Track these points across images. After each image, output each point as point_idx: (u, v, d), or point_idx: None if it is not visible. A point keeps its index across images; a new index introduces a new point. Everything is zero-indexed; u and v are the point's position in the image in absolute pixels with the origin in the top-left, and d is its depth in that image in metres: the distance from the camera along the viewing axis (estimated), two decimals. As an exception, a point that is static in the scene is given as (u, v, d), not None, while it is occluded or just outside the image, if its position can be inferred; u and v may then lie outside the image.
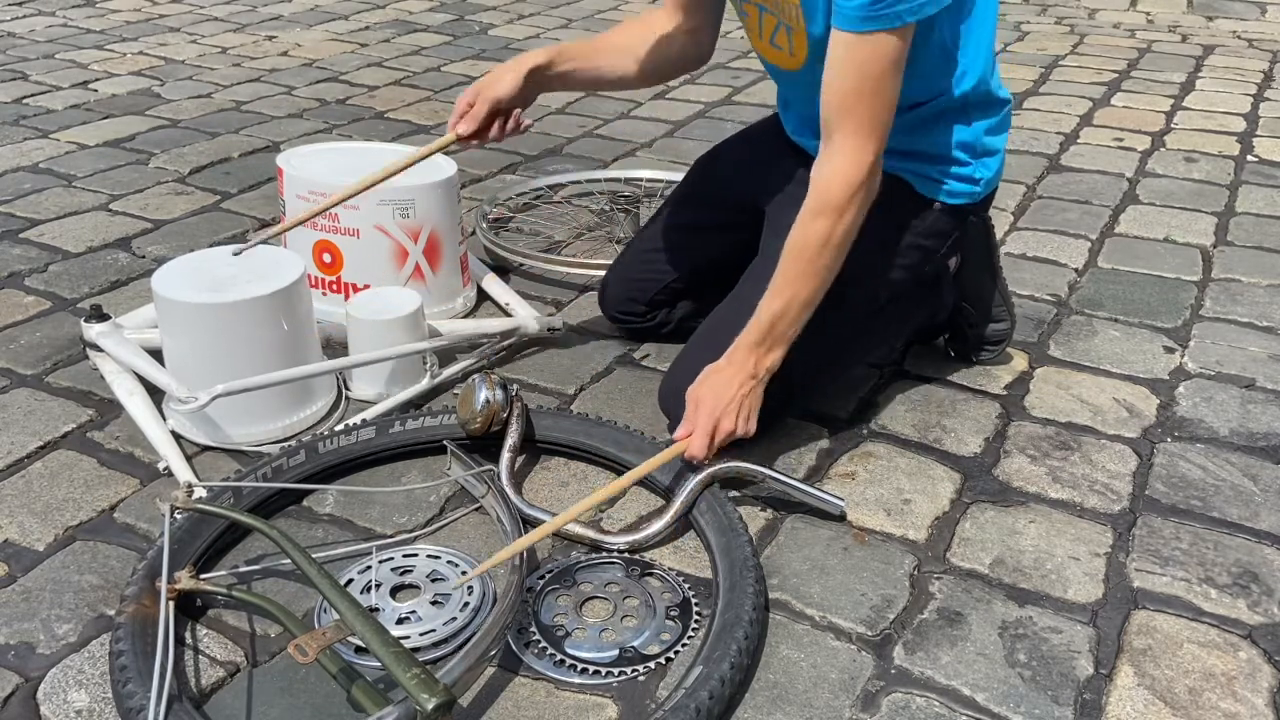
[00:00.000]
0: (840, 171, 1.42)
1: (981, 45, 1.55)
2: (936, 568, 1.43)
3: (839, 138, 1.42)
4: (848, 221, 1.43)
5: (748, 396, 1.48)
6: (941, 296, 1.81)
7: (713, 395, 1.46)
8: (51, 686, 1.22)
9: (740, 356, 1.48)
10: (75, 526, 1.48)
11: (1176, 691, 1.23)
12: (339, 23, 4.45)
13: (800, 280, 1.46)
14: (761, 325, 1.47)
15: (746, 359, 1.47)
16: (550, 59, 1.67)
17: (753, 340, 1.48)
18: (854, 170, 1.41)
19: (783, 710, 1.20)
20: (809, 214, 1.44)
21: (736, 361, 1.48)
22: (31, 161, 2.85)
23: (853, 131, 1.40)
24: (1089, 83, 3.68)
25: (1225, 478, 1.62)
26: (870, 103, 1.39)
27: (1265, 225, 2.54)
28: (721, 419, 1.46)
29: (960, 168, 1.61)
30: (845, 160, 1.41)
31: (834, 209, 1.42)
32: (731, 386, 1.47)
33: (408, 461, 1.62)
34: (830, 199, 1.42)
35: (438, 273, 1.99)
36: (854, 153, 1.41)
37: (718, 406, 1.46)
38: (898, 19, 1.35)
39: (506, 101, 1.63)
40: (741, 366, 1.48)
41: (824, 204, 1.43)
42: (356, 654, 1.24)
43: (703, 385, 1.49)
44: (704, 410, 1.46)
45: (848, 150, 1.41)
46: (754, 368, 1.48)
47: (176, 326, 1.62)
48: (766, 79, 3.68)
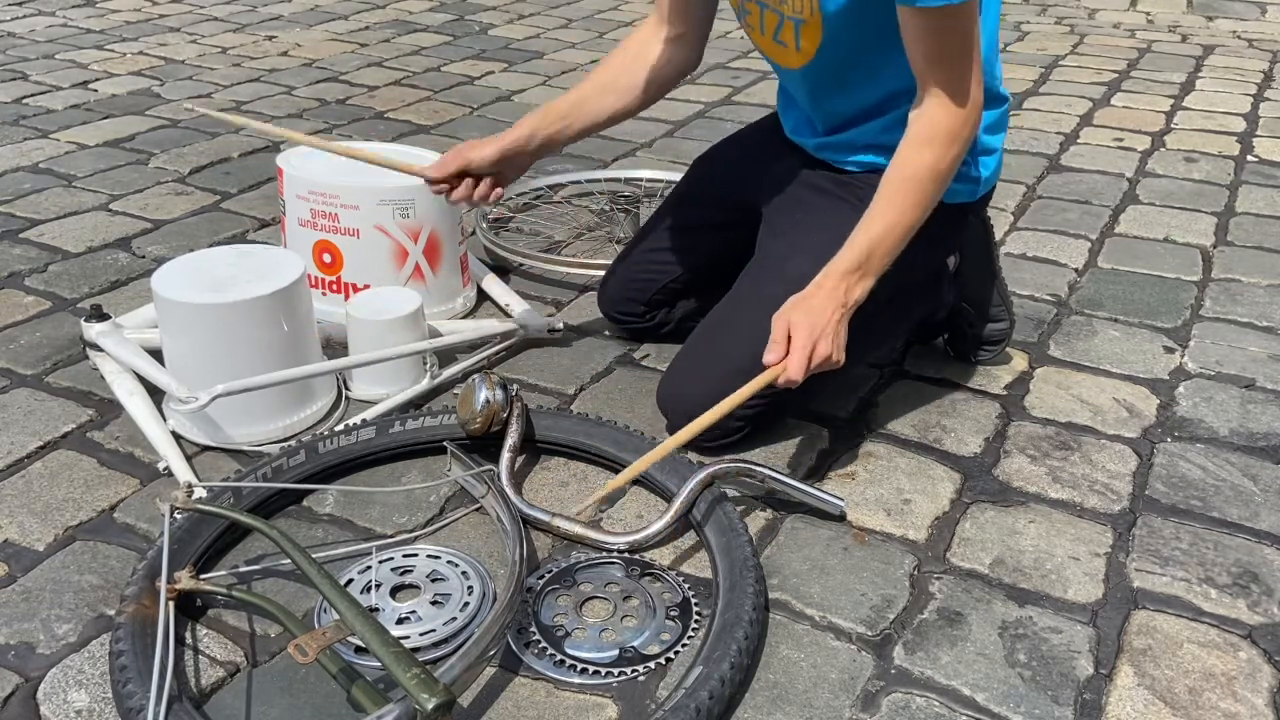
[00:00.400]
0: (949, 107, 1.41)
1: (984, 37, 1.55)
2: (936, 568, 1.43)
3: (939, 85, 1.41)
4: (955, 153, 1.43)
5: (840, 323, 1.44)
6: (941, 295, 1.81)
7: (808, 319, 1.42)
8: (51, 686, 1.22)
9: (832, 284, 1.44)
10: (75, 526, 1.48)
11: (1176, 691, 1.23)
12: (339, 23, 4.45)
13: (904, 207, 1.44)
14: (858, 252, 1.44)
15: (838, 286, 1.44)
16: (532, 130, 1.70)
17: (847, 266, 1.44)
18: (961, 107, 1.41)
19: (783, 710, 1.20)
20: (914, 144, 1.43)
21: (827, 288, 1.44)
22: (31, 161, 2.85)
23: (952, 79, 1.41)
24: (1089, 83, 3.68)
25: (1225, 478, 1.62)
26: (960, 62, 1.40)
27: (1265, 225, 2.54)
28: (819, 342, 1.41)
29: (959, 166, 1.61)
30: (952, 99, 1.41)
31: (944, 138, 1.42)
32: (825, 312, 1.42)
33: (408, 461, 1.62)
34: (938, 128, 1.42)
35: (438, 273, 1.99)
36: (959, 94, 1.41)
37: (815, 329, 1.41)
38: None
39: (476, 168, 1.66)
40: (833, 294, 1.44)
41: (933, 134, 1.42)
42: (356, 654, 1.24)
43: (795, 310, 1.44)
44: (801, 332, 1.41)
45: (952, 93, 1.41)
46: (844, 295, 1.44)
47: (176, 326, 1.62)
48: (766, 79, 3.69)
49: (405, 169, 1.69)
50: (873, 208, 1.45)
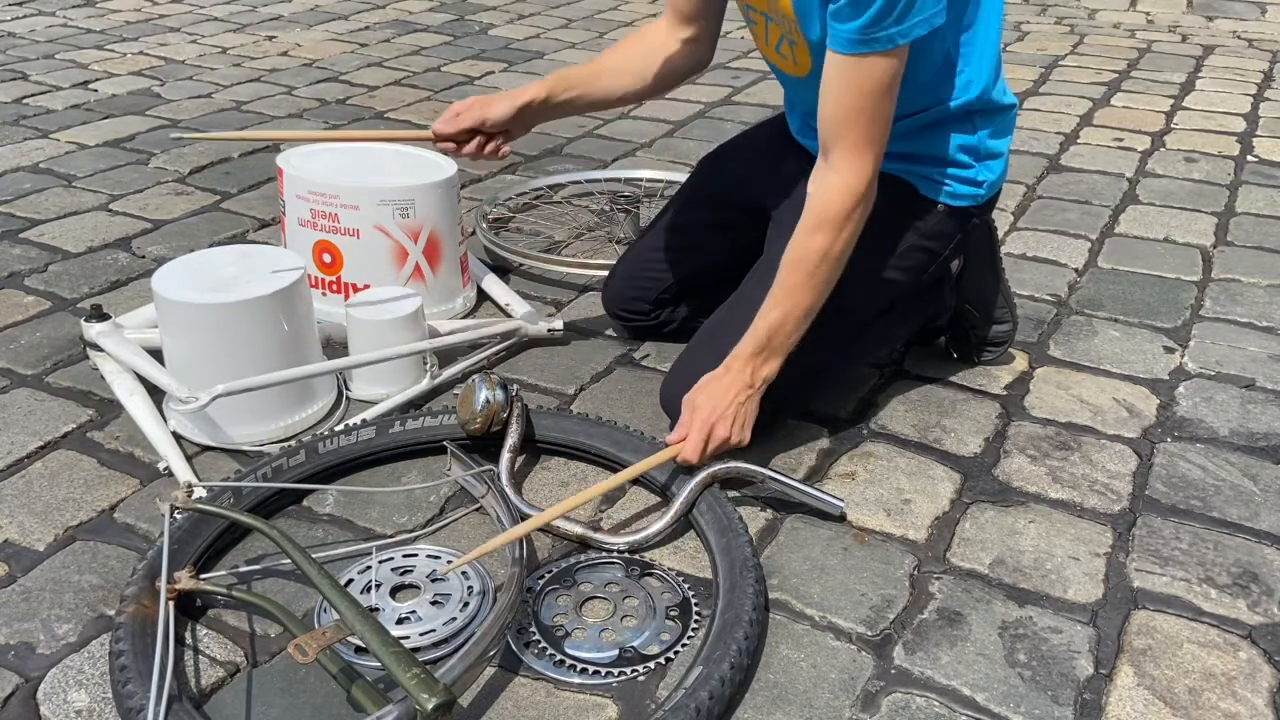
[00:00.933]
0: (838, 187, 1.43)
1: (985, 54, 1.55)
2: (936, 568, 1.43)
3: (836, 154, 1.43)
4: (846, 236, 1.45)
5: (744, 405, 1.49)
6: (943, 299, 1.81)
7: (710, 402, 1.48)
8: (51, 686, 1.22)
9: (738, 366, 1.50)
10: (75, 526, 1.48)
11: (1176, 691, 1.23)
12: (339, 23, 4.45)
13: (798, 293, 1.47)
14: (759, 336, 1.49)
15: (744, 369, 1.49)
16: (549, 92, 1.70)
17: (750, 350, 1.49)
18: (853, 185, 1.43)
19: (783, 710, 1.20)
20: (807, 229, 1.46)
21: (734, 370, 1.50)
22: (31, 161, 2.85)
23: (850, 148, 1.42)
24: (1089, 83, 3.68)
25: (1225, 478, 1.62)
26: (867, 120, 1.41)
27: (1265, 225, 2.54)
28: (716, 425, 1.47)
29: (963, 170, 1.61)
30: (843, 176, 1.43)
31: (833, 223, 1.44)
32: (728, 394, 1.48)
33: (408, 461, 1.62)
34: (829, 213, 1.44)
35: (438, 273, 1.99)
36: (852, 168, 1.42)
37: (714, 413, 1.47)
38: (890, 42, 1.36)
39: (492, 124, 1.66)
40: (739, 375, 1.49)
41: (822, 219, 1.44)
42: (356, 654, 1.24)
43: (700, 392, 1.50)
44: (700, 416, 1.47)
45: (846, 166, 1.43)
46: (750, 377, 1.49)
47: (177, 327, 1.62)
48: (766, 79, 3.69)
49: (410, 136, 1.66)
50: (771, 293, 1.49)
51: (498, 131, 1.67)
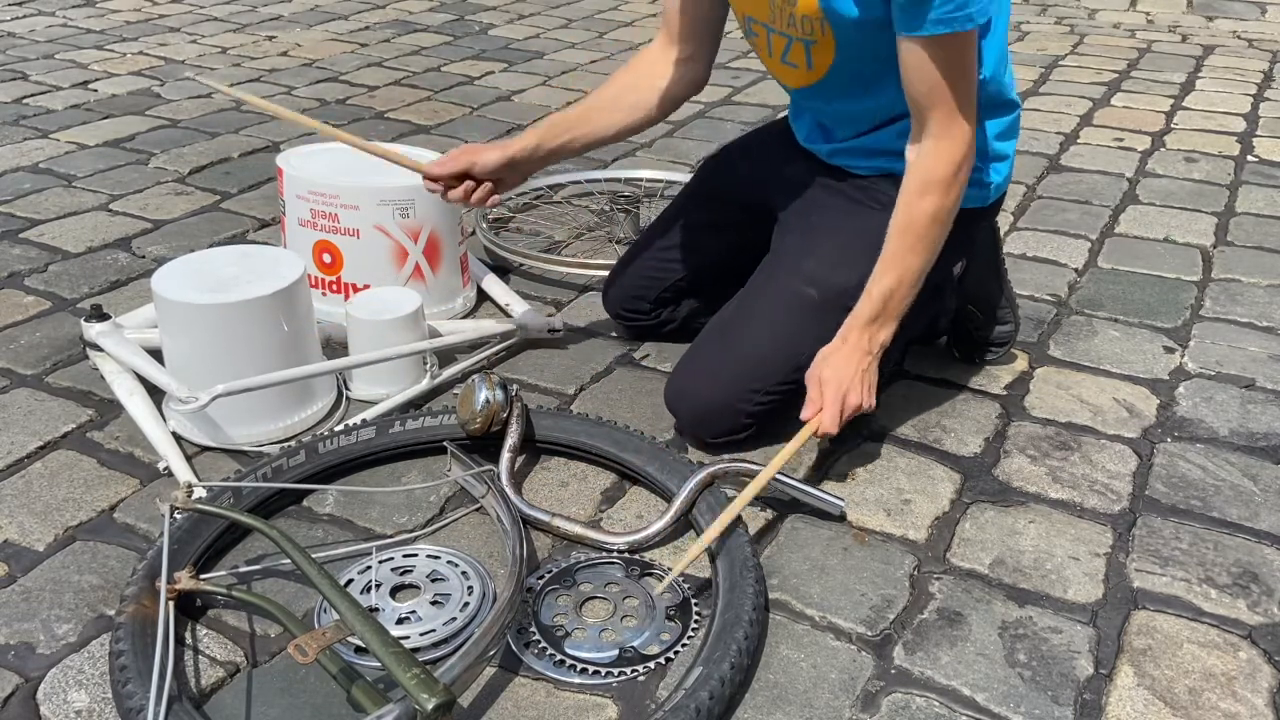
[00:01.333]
0: (943, 150, 1.46)
1: (993, 49, 1.55)
2: (936, 568, 1.43)
3: (934, 123, 1.46)
4: (954, 195, 1.48)
5: (867, 371, 1.52)
6: (944, 301, 1.80)
7: (836, 374, 1.51)
8: (51, 686, 1.22)
9: (855, 336, 1.52)
10: (75, 526, 1.48)
11: (1176, 691, 1.23)
12: (339, 23, 4.45)
13: (910, 255, 1.50)
14: (874, 303, 1.51)
15: (862, 336, 1.52)
16: (539, 140, 1.70)
17: (867, 317, 1.52)
18: (955, 147, 1.46)
19: (783, 710, 1.20)
20: (914, 192, 1.48)
21: (852, 341, 1.52)
22: (31, 161, 2.85)
23: (947, 114, 1.45)
24: (1089, 83, 3.68)
25: (1225, 478, 1.62)
26: (958, 88, 1.43)
27: (1265, 225, 2.54)
28: (849, 394, 1.50)
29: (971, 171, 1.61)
30: (945, 140, 1.46)
31: (940, 184, 1.47)
32: (851, 363, 1.51)
33: (408, 461, 1.62)
34: (935, 175, 1.47)
35: (437, 273, 1.99)
36: (951, 133, 1.46)
37: (843, 383, 1.50)
38: (970, 21, 1.38)
39: (481, 170, 1.65)
40: (857, 345, 1.52)
41: (929, 180, 1.47)
42: (356, 654, 1.24)
43: (824, 366, 1.52)
44: (830, 388, 1.50)
45: (945, 131, 1.46)
46: (869, 344, 1.52)
47: (176, 327, 1.62)
48: (766, 79, 3.68)
49: (406, 164, 1.68)
50: (883, 257, 1.51)
51: (488, 178, 1.67)
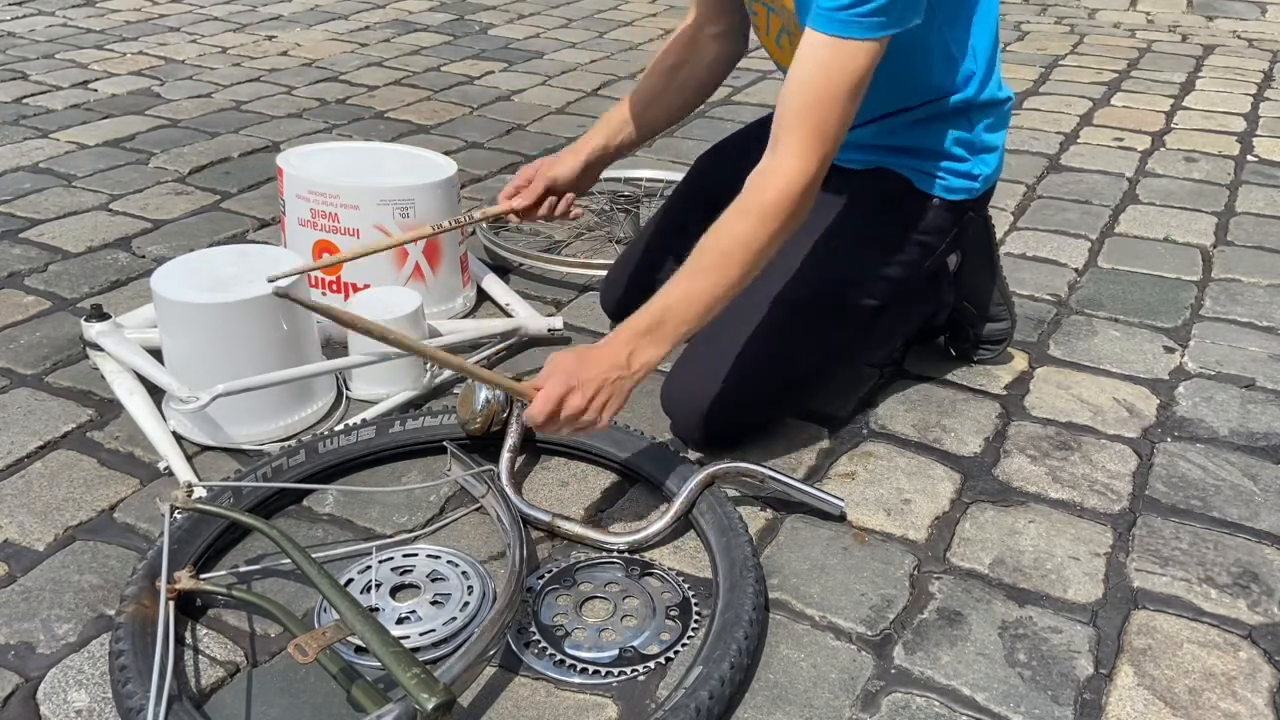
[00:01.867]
0: (780, 175, 1.35)
1: (981, 48, 1.55)
2: (936, 568, 1.43)
3: (786, 142, 1.35)
4: (771, 230, 1.34)
5: (611, 384, 1.33)
6: (941, 296, 1.81)
7: (575, 368, 1.32)
8: (51, 686, 1.22)
9: (620, 341, 1.35)
10: (75, 526, 1.48)
11: (1176, 691, 1.23)
12: (339, 23, 4.45)
13: (702, 275, 1.35)
14: (652, 314, 1.36)
15: (624, 346, 1.35)
16: (605, 139, 1.76)
17: (638, 327, 1.36)
18: (793, 179, 1.34)
19: (783, 710, 1.20)
20: (735, 210, 1.36)
21: (613, 346, 1.35)
22: (31, 161, 2.85)
23: (803, 138, 1.34)
24: (1089, 83, 3.68)
25: (1225, 478, 1.62)
26: (828, 112, 1.33)
27: (1265, 225, 2.54)
28: (574, 393, 1.31)
29: (958, 164, 1.61)
30: (788, 165, 1.35)
31: (761, 212, 1.34)
32: (598, 367, 1.33)
33: (408, 461, 1.62)
34: (762, 200, 1.35)
35: (437, 273, 1.99)
36: (797, 162, 1.34)
37: (573, 378, 1.31)
38: (861, 27, 1.31)
39: (562, 184, 1.72)
40: (617, 352, 1.34)
41: (753, 204, 1.35)
42: (356, 654, 1.24)
43: (573, 354, 1.35)
44: (558, 376, 1.32)
45: (793, 156, 1.34)
46: (627, 360, 1.34)
47: (176, 326, 1.62)
48: (767, 79, 3.68)
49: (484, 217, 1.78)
50: (680, 271, 1.38)
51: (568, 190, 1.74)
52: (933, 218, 1.64)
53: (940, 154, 1.60)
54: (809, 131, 1.34)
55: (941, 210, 1.64)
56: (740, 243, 1.35)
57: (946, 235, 1.67)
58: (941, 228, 1.65)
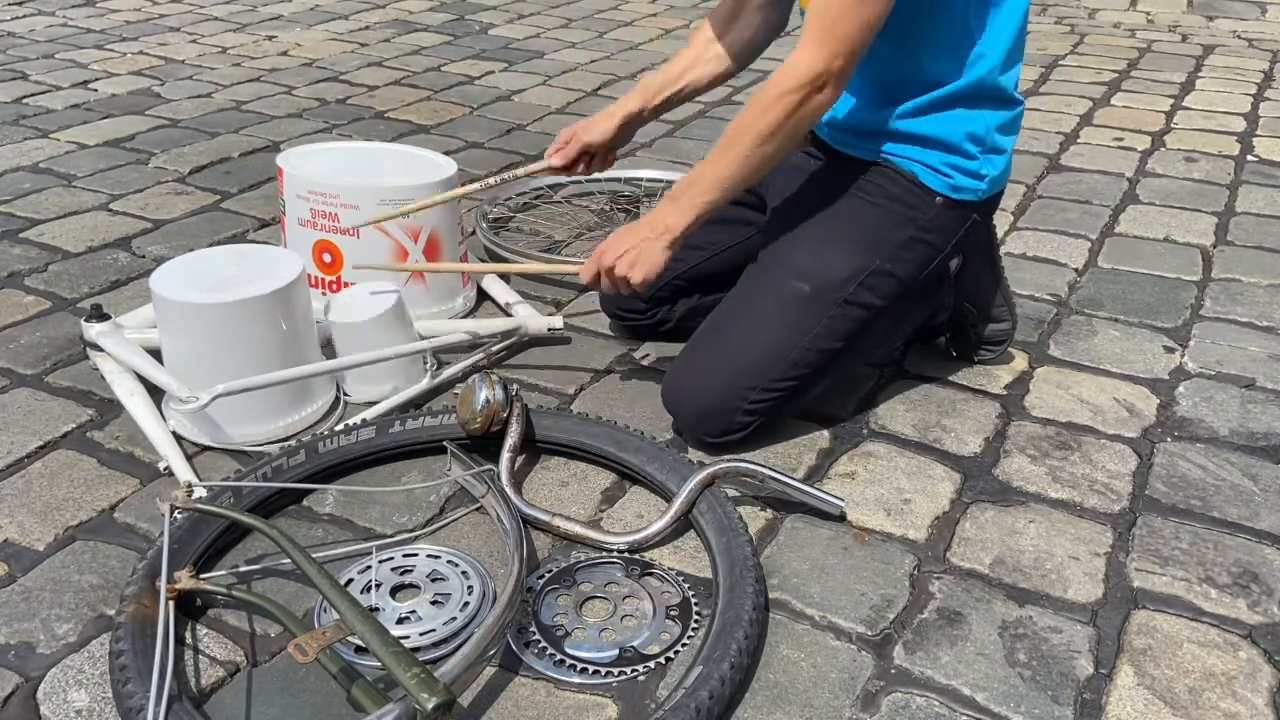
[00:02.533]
0: (789, 67, 1.47)
1: (1002, 35, 1.55)
2: (936, 568, 1.43)
3: (801, 42, 1.47)
4: (771, 118, 1.48)
5: (640, 244, 1.56)
6: (941, 298, 1.81)
7: (614, 238, 1.59)
8: (51, 686, 1.22)
9: (647, 216, 1.59)
10: (75, 526, 1.48)
11: (1176, 691, 1.23)
12: (339, 23, 4.45)
13: (716, 158, 1.53)
14: (678, 186, 1.58)
15: (651, 217, 1.58)
16: (642, 104, 1.82)
17: (666, 197, 1.58)
18: (802, 69, 1.45)
19: (783, 710, 1.20)
20: (754, 97, 1.51)
21: (643, 219, 1.59)
22: (31, 161, 2.84)
23: (813, 35, 1.46)
24: (1089, 83, 3.68)
25: (1225, 478, 1.62)
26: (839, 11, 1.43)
27: (1265, 225, 2.54)
28: (607, 253, 1.58)
29: (967, 160, 1.61)
30: (797, 58, 1.46)
31: (764, 101, 1.49)
32: (631, 235, 1.58)
33: (408, 461, 1.62)
34: (767, 90, 1.49)
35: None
36: (807, 54, 1.46)
37: (612, 245, 1.58)
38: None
39: (597, 146, 1.81)
40: (645, 222, 1.58)
41: (761, 95, 1.49)
42: (356, 654, 1.24)
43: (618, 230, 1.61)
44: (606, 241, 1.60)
45: (802, 51, 1.46)
46: (653, 220, 1.57)
47: (176, 326, 1.62)
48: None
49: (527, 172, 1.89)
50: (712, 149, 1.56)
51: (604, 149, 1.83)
52: (936, 216, 1.64)
53: (950, 147, 1.60)
54: (819, 31, 1.45)
55: (946, 210, 1.63)
56: (745, 128, 1.51)
57: (951, 237, 1.66)
58: (946, 228, 1.65)
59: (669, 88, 1.82)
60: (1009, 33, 1.56)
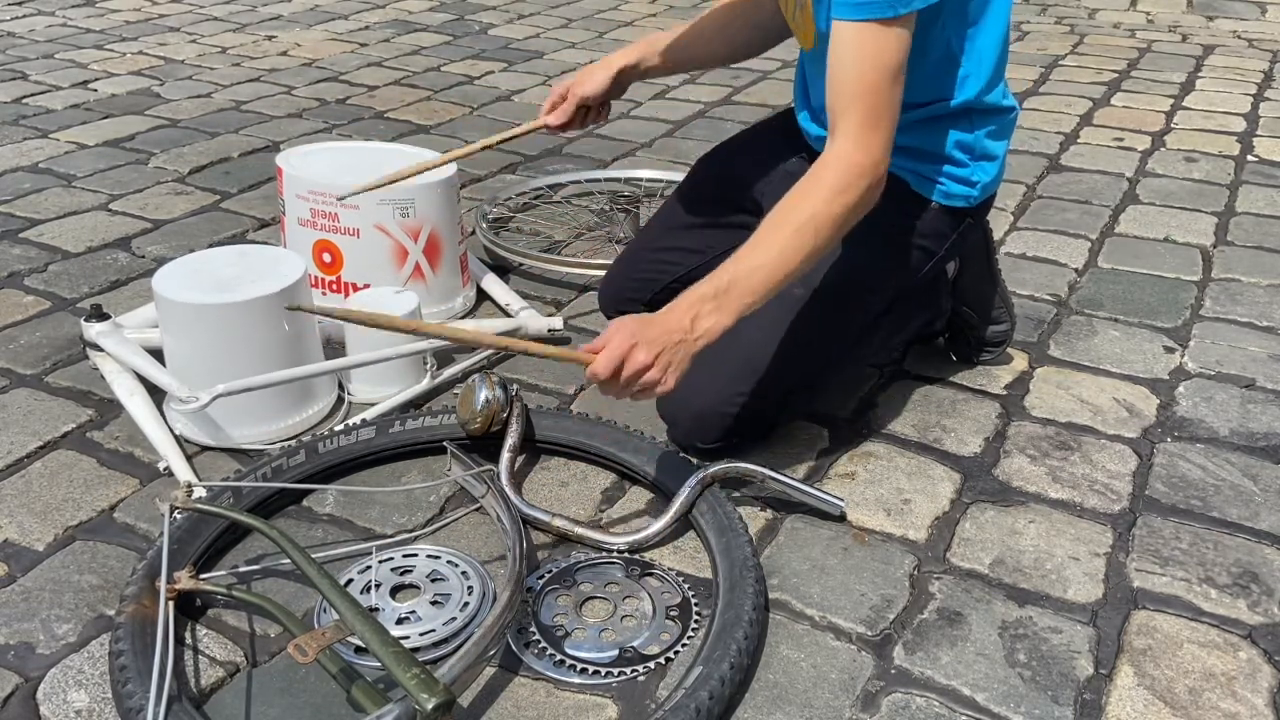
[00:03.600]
0: (844, 155, 1.37)
1: (987, 54, 1.54)
2: (936, 568, 1.43)
3: (843, 128, 1.38)
4: (837, 209, 1.36)
5: (675, 346, 1.32)
6: (939, 302, 1.81)
7: (639, 326, 1.32)
8: (51, 686, 1.22)
9: (682, 306, 1.34)
10: (75, 526, 1.48)
11: (1176, 691, 1.23)
12: (339, 23, 4.45)
13: (770, 251, 1.36)
14: (717, 282, 1.35)
15: (689, 310, 1.34)
16: (640, 58, 1.77)
17: (701, 295, 1.34)
18: (858, 159, 1.36)
19: (783, 710, 1.20)
20: (801, 189, 1.38)
21: (677, 310, 1.34)
22: (31, 161, 2.85)
23: (859, 124, 1.37)
24: (1089, 83, 3.68)
25: (1225, 478, 1.62)
26: (875, 97, 1.37)
27: (1265, 225, 2.54)
28: (638, 349, 1.29)
29: (957, 168, 1.61)
30: (851, 149, 1.37)
31: (829, 189, 1.36)
32: (663, 329, 1.32)
33: (408, 461, 1.62)
34: (827, 179, 1.37)
35: (437, 272, 1.99)
36: (860, 144, 1.36)
37: (637, 336, 1.30)
38: (889, 8, 1.33)
39: (594, 99, 1.76)
40: (680, 316, 1.33)
41: (819, 183, 1.37)
42: (356, 654, 1.24)
43: (635, 318, 1.34)
44: (623, 334, 1.30)
45: (850, 138, 1.37)
46: (690, 322, 1.33)
47: (178, 327, 1.62)
48: (766, 79, 3.68)
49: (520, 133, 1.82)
50: (748, 243, 1.38)
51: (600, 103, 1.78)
52: (930, 221, 1.64)
53: (940, 157, 1.60)
54: (862, 117, 1.37)
55: (940, 214, 1.63)
56: (805, 220, 1.36)
57: (945, 241, 1.66)
58: (940, 232, 1.65)
59: (673, 51, 1.78)
60: (992, 51, 1.55)
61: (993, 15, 1.53)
